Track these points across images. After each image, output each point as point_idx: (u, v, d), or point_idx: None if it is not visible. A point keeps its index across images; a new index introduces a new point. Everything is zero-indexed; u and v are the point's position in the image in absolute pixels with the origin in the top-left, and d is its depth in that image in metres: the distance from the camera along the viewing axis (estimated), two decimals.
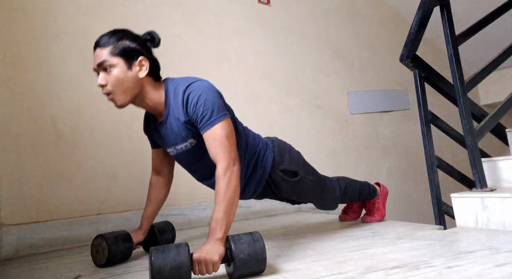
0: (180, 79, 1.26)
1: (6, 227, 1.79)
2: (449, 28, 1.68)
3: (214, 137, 1.13)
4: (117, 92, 1.18)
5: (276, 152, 1.41)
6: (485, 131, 1.69)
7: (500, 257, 1.02)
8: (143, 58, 1.19)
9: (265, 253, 1.02)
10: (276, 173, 1.39)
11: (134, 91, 1.20)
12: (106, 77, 1.17)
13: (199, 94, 1.16)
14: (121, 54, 1.16)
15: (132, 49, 1.17)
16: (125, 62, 1.17)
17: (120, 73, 1.16)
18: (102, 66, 1.16)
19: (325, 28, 2.98)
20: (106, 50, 1.16)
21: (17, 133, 1.91)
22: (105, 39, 1.17)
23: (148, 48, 1.24)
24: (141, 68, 1.19)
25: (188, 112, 1.17)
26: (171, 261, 0.93)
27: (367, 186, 1.75)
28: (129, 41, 1.18)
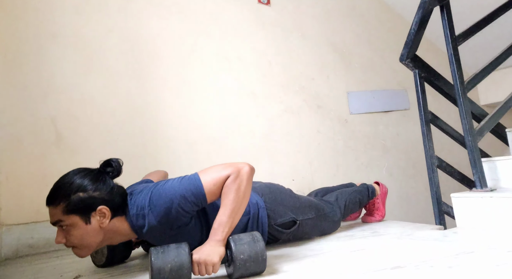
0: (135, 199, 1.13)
1: (6, 227, 1.79)
2: (449, 28, 1.68)
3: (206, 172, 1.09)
4: (80, 248, 1.09)
5: (268, 207, 1.34)
6: (485, 131, 1.68)
7: (501, 257, 1.02)
8: (102, 207, 1.06)
9: (266, 254, 1.02)
10: (273, 228, 1.35)
11: (99, 239, 1.10)
12: (63, 235, 1.07)
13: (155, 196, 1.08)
14: (76, 211, 1.04)
15: (87, 202, 1.05)
16: (82, 219, 1.05)
17: (78, 232, 1.06)
18: (58, 225, 1.07)
19: (325, 28, 2.98)
20: (58, 209, 1.04)
21: (17, 133, 1.91)
22: (54, 195, 1.05)
23: (108, 186, 1.10)
24: (102, 218, 1.07)
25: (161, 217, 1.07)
26: (171, 261, 0.93)
27: (365, 190, 1.75)
28: (82, 193, 1.05)
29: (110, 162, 1.13)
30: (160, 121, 2.24)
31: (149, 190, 1.11)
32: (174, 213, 1.06)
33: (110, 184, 1.11)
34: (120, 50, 2.23)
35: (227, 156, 2.37)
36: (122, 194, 1.13)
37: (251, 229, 1.29)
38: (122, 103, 2.17)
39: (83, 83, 2.10)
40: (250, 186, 1.10)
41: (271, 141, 2.56)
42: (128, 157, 2.13)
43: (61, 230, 1.07)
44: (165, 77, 2.32)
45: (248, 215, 1.29)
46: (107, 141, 2.11)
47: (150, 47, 2.33)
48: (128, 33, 2.28)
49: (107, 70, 2.17)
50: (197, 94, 2.39)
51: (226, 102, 2.47)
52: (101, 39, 2.18)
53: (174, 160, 2.23)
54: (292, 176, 2.56)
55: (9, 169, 1.86)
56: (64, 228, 1.06)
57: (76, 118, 2.05)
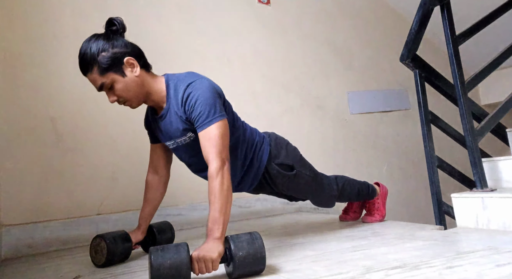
0: (181, 75, 1.27)
1: (5, 227, 1.79)
2: (450, 28, 1.68)
3: (209, 137, 1.15)
4: (129, 99, 1.24)
5: (272, 145, 1.44)
6: (485, 131, 1.68)
7: (501, 257, 1.02)
8: (127, 58, 1.20)
9: (264, 251, 1.02)
10: (272, 166, 1.40)
11: (142, 90, 1.24)
12: (112, 93, 1.22)
13: (198, 94, 1.17)
14: (109, 69, 1.18)
15: (113, 58, 1.18)
16: (117, 73, 1.19)
17: (121, 85, 1.20)
18: (104, 87, 1.21)
19: (325, 28, 2.98)
20: (94, 73, 1.18)
21: (17, 133, 1.91)
22: (85, 63, 1.18)
23: (123, 42, 1.23)
24: (133, 68, 1.21)
25: (186, 111, 1.19)
26: (171, 260, 0.93)
27: (366, 185, 1.75)
28: (105, 52, 1.18)
29: (112, 20, 1.23)
30: None
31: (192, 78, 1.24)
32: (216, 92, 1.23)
33: (124, 40, 1.24)
34: None
35: None
36: (138, 48, 1.27)
37: (252, 154, 1.37)
38: None
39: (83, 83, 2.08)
40: (230, 181, 1.13)
41: None
42: (128, 157, 2.13)
43: (108, 91, 1.22)
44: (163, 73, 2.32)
45: (254, 141, 1.38)
46: (107, 141, 2.10)
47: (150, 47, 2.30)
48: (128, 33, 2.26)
49: None
50: None
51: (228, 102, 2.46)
52: None
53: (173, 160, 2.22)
54: None
55: (9, 169, 1.86)
56: (110, 88, 1.21)
57: (76, 118, 2.05)
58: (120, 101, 1.24)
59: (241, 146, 1.35)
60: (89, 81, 1.22)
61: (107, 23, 1.23)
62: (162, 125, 1.29)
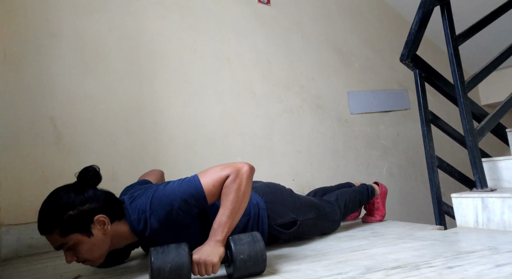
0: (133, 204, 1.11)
1: (5, 227, 1.79)
2: (450, 28, 1.68)
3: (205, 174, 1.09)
4: (92, 260, 1.09)
5: (269, 207, 1.34)
6: (485, 131, 1.68)
7: (501, 257, 1.02)
8: (98, 216, 1.05)
9: (265, 254, 1.02)
10: (274, 229, 1.34)
11: (107, 247, 1.10)
12: (72, 254, 1.07)
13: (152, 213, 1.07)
14: (74, 230, 1.03)
15: (81, 217, 1.03)
16: (83, 234, 1.04)
17: (85, 246, 1.05)
18: (63, 248, 1.06)
19: (325, 28, 2.98)
20: (55, 234, 1.03)
21: (16, 133, 1.91)
22: (45, 223, 1.03)
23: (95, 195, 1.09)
24: (103, 226, 1.07)
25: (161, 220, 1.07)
26: (171, 262, 0.93)
27: (365, 190, 1.75)
28: (72, 211, 1.03)
29: (85, 171, 1.10)
30: (160, 121, 2.24)
31: (150, 193, 1.10)
32: (175, 216, 1.06)
33: (96, 192, 1.10)
34: (120, 50, 2.23)
35: (227, 155, 2.37)
36: (111, 197, 1.13)
37: (251, 229, 1.29)
38: (121, 103, 2.17)
39: (83, 83, 2.10)
40: (250, 185, 1.10)
41: (271, 140, 2.55)
42: (127, 157, 2.13)
43: (68, 250, 1.06)
44: (165, 77, 2.32)
45: (249, 216, 1.29)
46: (106, 141, 2.10)
47: (150, 47, 2.33)
48: (128, 32, 2.28)
49: (107, 70, 2.17)
50: (197, 94, 2.39)
51: (226, 102, 2.47)
52: (101, 39, 2.18)
53: (173, 160, 2.23)
54: (292, 176, 2.56)
55: (9, 169, 1.86)
56: (71, 248, 1.05)
57: (76, 118, 2.05)
58: (78, 261, 1.08)
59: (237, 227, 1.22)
60: (46, 238, 1.05)
61: (81, 173, 1.10)
62: None
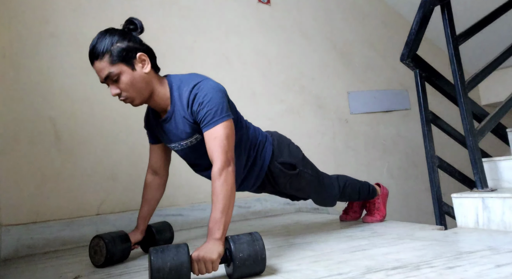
0: (184, 77, 1.26)
1: (5, 227, 1.79)
2: (450, 28, 1.68)
3: (215, 136, 1.14)
4: (133, 95, 1.20)
5: (275, 145, 1.44)
6: (485, 131, 1.68)
7: (501, 257, 1.02)
8: (141, 53, 1.19)
9: (265, 253, 1.02)
10: (275, 165, 1.41)
11: (147, 88, 1.21)
12: (116, 86, 1.18)
13: (204, 95, 1.17)
14: (121, 59, 1.16)
15: (127, 50, 1.17)
16: (127, 66, 1.17)
17: (128, 78, 1.17)
18: (110, 78, 1.17)
19: (326, 27, 2.98)
20: (105, 61, 1.15)
21: (16, 133, 1.91)
22: (98, 50, 1.15)
23: (138, 39, 1.22)
24: (143, 64, 1.20)
25: (193, 112, 1.18)
26: (171, 261, 0.93)
27: (366, 185, 1.75)
28: (120, 43, 1.16)
29: (131, 20, 1.22)
30: None
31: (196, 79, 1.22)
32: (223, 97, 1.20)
33: (139, 38, 1.22)
34: None
35: None
36: (151, 49, 1.25)
37: (255, 154, 1.37)
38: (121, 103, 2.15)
39: (83, 83, 2.10)
40: (234, 182, 1.13)
41: None
42: (127, 157, 2.13)
43: (112, 83, 1.18)
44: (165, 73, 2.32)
45: (256, 141, 1.38)
46: (106, 141, 2.10)
47: None
48: None
49: None
50: None
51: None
52: None
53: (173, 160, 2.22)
54: None
55: (9, 169, 1.86)
56: (115, 79, 1.16)
57: (75, 118, 2.05)
58: (121, 95, 1.20)
59: (244, 144, 1.35)
60: (95, 69, 1.18)
61: (126, 22, 1.23)
62: (166, 128, 1.28)
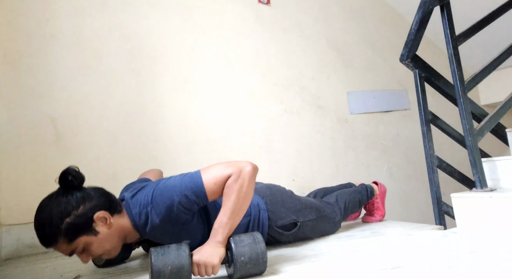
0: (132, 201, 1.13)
1: (6, 227, 1.79)
2: (449, 28, 1.68)
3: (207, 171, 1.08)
4: (106, 253, 1.10)
5: (269, 209, 1.34)
6: (485, 131, 1.68)
7: (501, 257, 1.02)
8: (96, 214, 1.04)
9: (266, 256, 1.02)
10: (274, 230, 1.35)
11: (117, 238, 1.10)
12: (86, 255, 1.07)
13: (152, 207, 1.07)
14: (78, 233, 1.02)
15: (80, 221, 1.02)
16: (87, 235, 1.04)
17: (94, 245, 1.05)
18: (76, 253, 1.06)
19: (325, 28, 2.98)
20: (62, 244, 1.03)
21: (16, 133, 1.91)
22: (46, 238, 1.03)
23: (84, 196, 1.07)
24: (105, 222, 1.06)
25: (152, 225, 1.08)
26: (172, 263, 0.93)
27: (364, 190, 1.75)
28: (68, 218, 1.01)
29: (65, 174, 1.07)
30: (160, 121, 2.24)
31: (151, 188, 1.10)
32: (175, 211, 1.06)
33: (85, 192, 1.08)
34: (120, 50, 2.23)
35: (227, 155, 2.37)
36: (103, 192, 1.12)
37: (251, 230, 1.29)
38: (122, 103, 2.17)
39: (83, 83, 2.10)
40: (252, 186, 1.09)
41: (271, 140, 2.55)
42: (128, 157, 2.13)
43: (80, 254, 1.07)
44: (165, 77, 2.32)
45: (249, 217, 1.29)
46: (107, 141, 2.10)
47: (150, 47, 2.33)
48: (128, 33, 2.28)
49: (107, 70, 2.17)
50: (197, 94, 2.39)
51: (226, 102, 2.47)
52: (101, 39, 2.18)
53: (174, 160, 2.23)
54: (292, 176, 2.56)
55: (9, 169, 1.86)
56: (82, 251, 1.06)
57: (76, 118, 2.05)
58: (96, 259, 1.11)
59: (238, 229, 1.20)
60: (54, 249, 1.06)
61: (61, 178, 1.06)
62: None
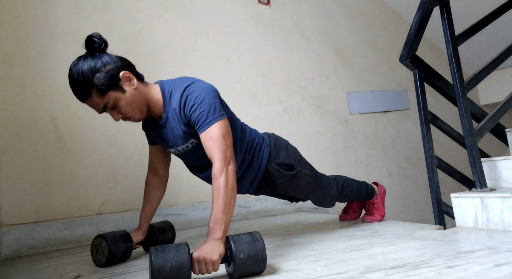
0: (175, 81, 1.26)
1: (6, 227, 1.79)
2: (449, 28, 1.68)
3: (211, 137, 1.14)
4: (134, 114, 1.21)
5: (272, 146, 1.43)
6: (484, 131, 1.68)
7: (500, 257, 1.02)
8: (122, 72, 1.17)
9: (265, 253, 1.02)
10: (272, 166, 1.40)
11: (144, 103, 1.22)
12: (116, 112, 1.19)
13: (196, 96, 1.17)
14: (107, 89, 1.14)
15: (107, 78, 1.14)
16: (117, 91, 1.16)
17: (124, 102, 1.17)
18: (107, 108, 1.18)
19: (325, 28, 2.98)
20: (94, 97, 1.14)
21: (17, 133, 1.91)
22: (81, 90, 1.14)
23: (111, 57, 1.18)
24: (130, 82, 1.19)
25: (186, 115, 1.18)
26: (171, 261, 0.94)
27: (365, 185, 1.75)
28: (98, 73, 1.13)
29: (91, 38, 1.16)
30: None
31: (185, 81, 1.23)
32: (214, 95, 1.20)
33: (110, 55, 1.18)
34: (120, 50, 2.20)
35: None
36: (125, 59, 1.22)
37: (251, 155, 1.37)
38: None
39: None
40: (235, 181, 1.13)
41: None
42: (128, 157, 2.13)
43: (111, 111, 1.19)
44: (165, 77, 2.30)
45: (254, 142, 1.38)
46: (107, 141, 2.11)
47: (150, 47, 2.33)
48: (128, 33, 2.28)
49: None
50: None
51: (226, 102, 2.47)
52: None
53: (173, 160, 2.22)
54: None
55: (9, 169, 1.86)
56: (112, 107, 1.18)
57: (76, 118, 2.05)
58: (123, 118, 1.21)
59: (240, 146, 1.35)
60: (90, 106, 1.18)
61: (87, 41, 1.17)
62: (162, 133, 1.28)
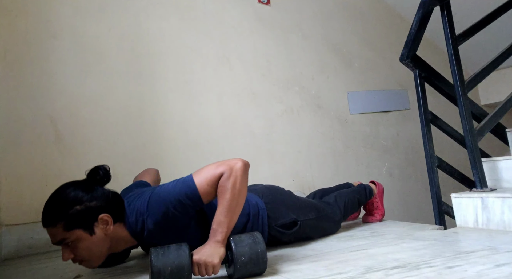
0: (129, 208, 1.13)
1: (6, 227, 1.79)
2: (449, 28, 1.68)
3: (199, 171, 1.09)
4: (89, 260, 1.08)
5: (269, 208, 1.34)
6: (485, 131, 1.68)
7: (500, 257, 1.02)
8: (102, 215, 1.05)
9: (266, 256, 1.02)
10: (274, 230, 1.34)
11: (106, 248, 1.09)
12: (69, 251, 1.05)
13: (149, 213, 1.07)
14: (77, 225, 1.02)
15: (87, 213, 1.03)
16: (85, 231, 1.03)
17: (85, 243, 1.04)
18: (63, 243, 1.04)
19: (325, 28, 2.98)
20: (59, 228, 1.02)
21: (17, 133, 1.91)
22: (50, 216, 1.03)
23: (102, 195, 1.09)
24: (105, 226, 1.06)
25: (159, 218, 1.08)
26: (171, 264, 0.93)
27: (363, 190, 1.75)
28: (79, 206, 1.03)
29: (97, 169, 1.11)
30: (160, 121, 2.24)
31: (147, 195, 1.11)
32: (171, 217, 1.06)
33: (104, 191, 1.10)
34: (120, 50, 2.23)
35: (227, 156, 2.37)
36: (117, 198, 1.14)
37: (250, 230, 1.29)
38: (122, 103, 2.17)
39: (83, 83, 2.10)
40: (245, 181, 1.09)
41: (271, 141, 2.56)
42: (128, 157, 2.13)
43: (66, 247, 1.05)
44: (165, 77, 2.32)
45: (248, 216, 1.29)
46: (107, 141, 2.10)
47: (150, 47, 2.33)
48: (128, 33, 2.28)
49: (107, 70, 2.17)
50: (197, 94, 2.39)
51: (226, 103, 2.47)
52: (101, 39, 2.18)
53: (174, 160, 2.23)
54: (292, 176, 2.56)
55: (9, 169, 1.86)
56: (70, 244, 1.04)
57: (76, 118, 2.05)
58: (76, 260, 1.07)
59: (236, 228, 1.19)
60: (47, 232, 1.05)
61: (91, 171, 1.11)
62: None
